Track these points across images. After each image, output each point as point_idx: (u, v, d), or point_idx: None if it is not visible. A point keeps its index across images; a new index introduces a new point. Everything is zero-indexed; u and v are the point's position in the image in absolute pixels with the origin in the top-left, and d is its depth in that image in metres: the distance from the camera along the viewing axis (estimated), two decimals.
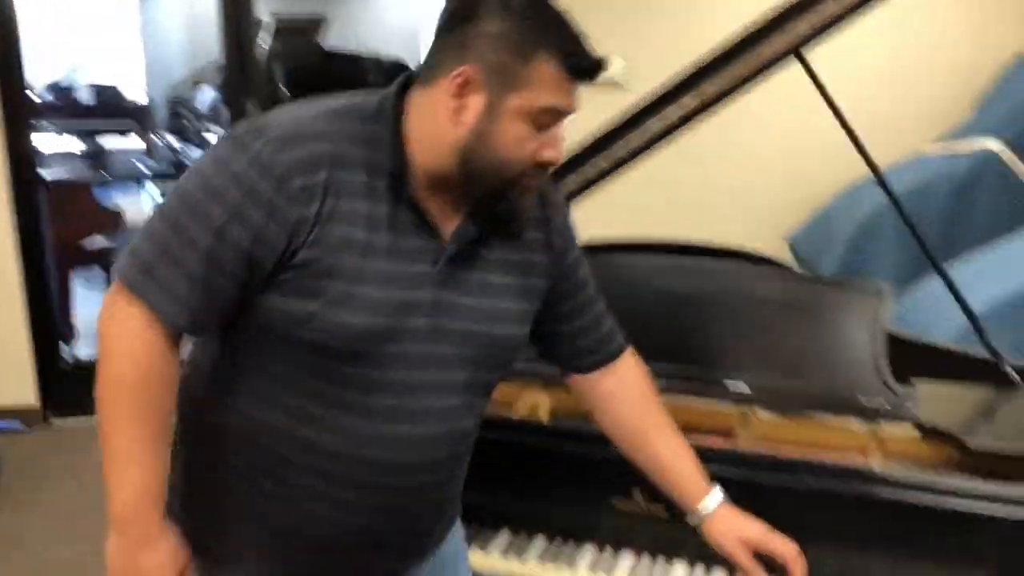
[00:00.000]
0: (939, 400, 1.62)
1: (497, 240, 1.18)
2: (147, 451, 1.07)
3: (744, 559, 1.26)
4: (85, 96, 8.32)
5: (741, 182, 4.05)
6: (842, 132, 1.76)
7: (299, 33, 6.39)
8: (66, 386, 3.94)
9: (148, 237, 1.06)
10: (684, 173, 3.93)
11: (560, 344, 1.32)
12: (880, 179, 1.79)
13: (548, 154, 1.10)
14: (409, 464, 1.15)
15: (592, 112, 1.69)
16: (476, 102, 1.06)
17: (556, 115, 1.09)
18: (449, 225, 1.14)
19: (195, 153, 6.39)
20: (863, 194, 3.46)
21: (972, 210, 3.33)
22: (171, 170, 6.74)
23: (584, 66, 1.08)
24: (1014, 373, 1.67)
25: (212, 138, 6.16)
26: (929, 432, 1.50)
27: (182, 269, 1.04)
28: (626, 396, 1.34)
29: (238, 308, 1.09)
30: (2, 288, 3.80)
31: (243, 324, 1.11)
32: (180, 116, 7.39)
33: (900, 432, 1.58)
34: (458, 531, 1.38)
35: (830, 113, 1.76)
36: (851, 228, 3.25)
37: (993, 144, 3.34)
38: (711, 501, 1.29)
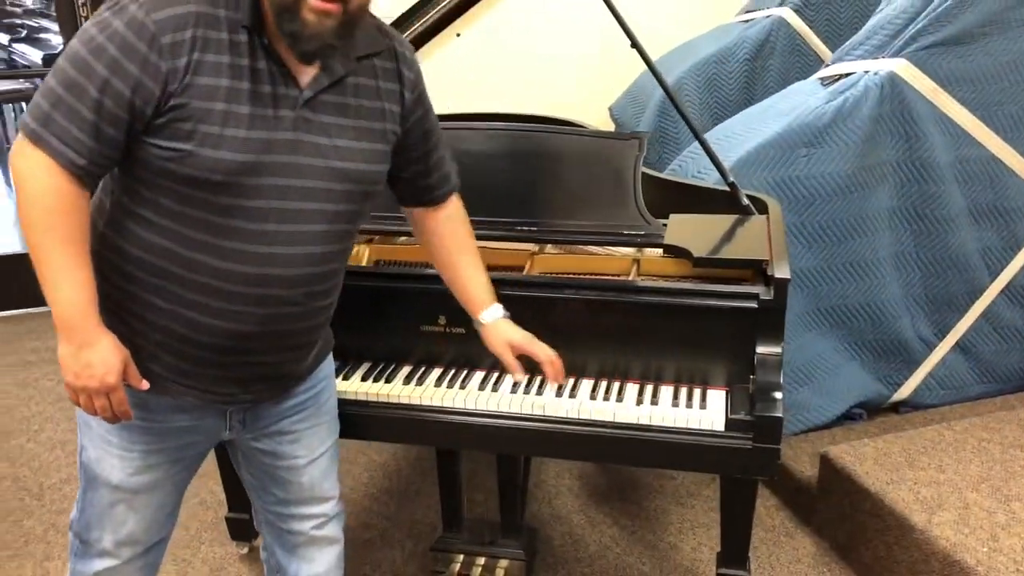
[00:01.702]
0: (690, 227, 1.97)
1: (354, 89, 1.38)
2: (74, 268, 1.26)
3: (508, 358, 1.63)
4: None
5: (572, 56, 4.32)
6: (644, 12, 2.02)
7: None
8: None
9: (44, 94, 1.22)
10: (525, 49, 4.19)
11: (408, 182, 1.58)
12: (648, 63, 2.06)
13: None
14: (279, 277, 1.35)
15: None
16: None
17: None
18: (309, 73, 1.33)
19: (25, 49, 6.14)
20: (669, 62, 3.79)
21: (766, 72, 3.69)
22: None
23: None
24: (747, 202, 2.04)
25: (46, 35, 5.93)
26: (671, 250, 1.85)
27: (75, 118, 1.21)
28: (449, 228, 1.64)
29: (126, 151, 1.27)
30: None
31: (132, 165, 1.29)
32: (7, 13, 7.01)
33: (653, 253, 1.94)
34: (329, 364, 1.64)
35: None
36: (659, 95, 3.58)
37: (783, 11, 3.69)
38: (490, 314, 1.64)
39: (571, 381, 1.77)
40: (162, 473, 1.48)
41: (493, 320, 1.64)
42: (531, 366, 1.64)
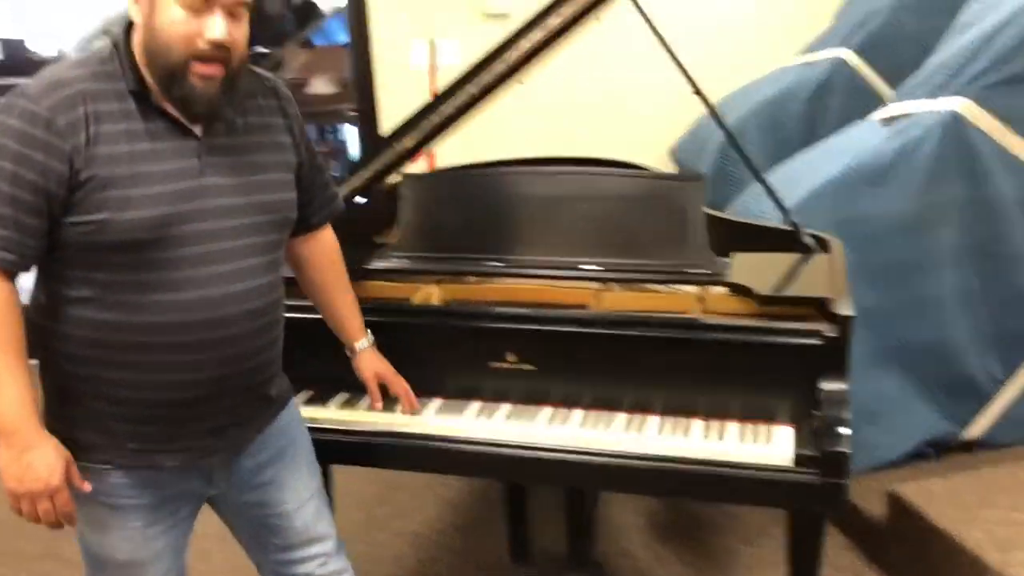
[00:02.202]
0: (753, 265, 2.01)
1: (246, 128, 1.45)
2: (12, 373, 1.30)
3: (373, 385, 1.80)
4: None
5: (633, 100, 4.40)
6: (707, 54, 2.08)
7: None
8: None
9: None
10: (586, 94, 4.29)
11: (300, 208, 1.60)
12: (710, 108, 2.12)
13: (212, 33, 1.30)
14: (225, 318, 1.40)
15: (491, 39, 2.03)
16: (143, 2, 1.31)
17: (205, 1, 1.29)
18: (197, 125, 1.38)
19: None
20: (729, 104, 3.84)
21: (826, 112, 3.72)
22: None
23: None
24: (810, 241, 2.08)
25: None
26: (735, 288, 1.89)
27: None
28: (327, 259, 1.74)
29: (49, 237, 1.31)
30: None
31: (57, 251, 1.34)
32: None
33: (717, 291, 1.99)
34: (294, 407, 1.69)
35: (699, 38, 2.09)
36: (720, 136, 3.61)
37: (843, 52, 3.73)
38: (361, 344, 1.79)
39: (637, 418, 1.81)
40: (162, 542, 1.52)
41: (364, 349, 1.79)
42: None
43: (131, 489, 1.46)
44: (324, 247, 1.74)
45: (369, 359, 1.80)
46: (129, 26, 1.37)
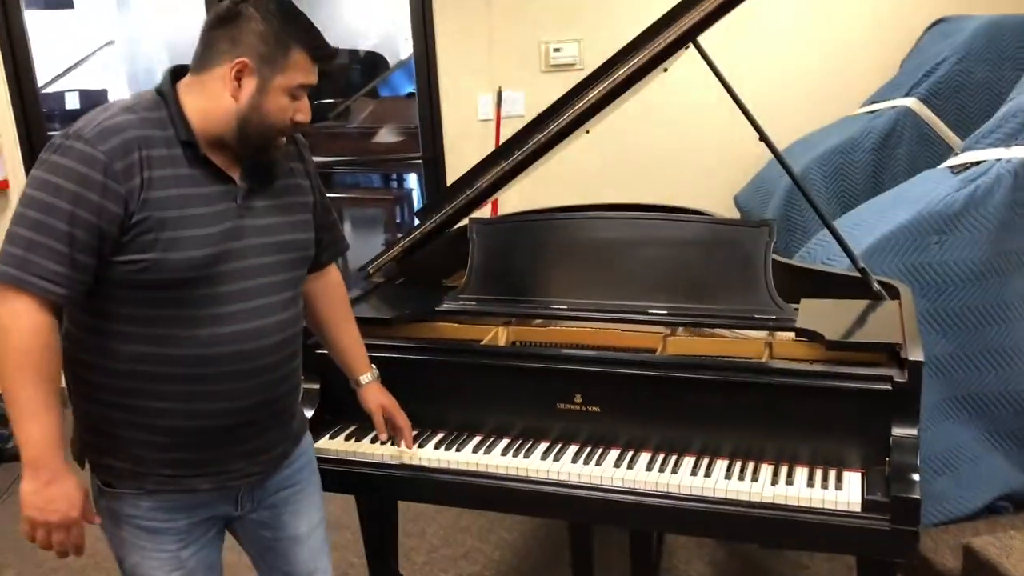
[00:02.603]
0: (821, 311, 2.01)
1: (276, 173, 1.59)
2: (44, 408, 1.36)
3: (379, 417, 1.86)
4: (73, 101, 8.61)
5: (697, 149, 4.44)
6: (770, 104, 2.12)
7: None
8: None
9: (13, 241, 1.35)
10: (649, 142, 4.35)
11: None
12: (776, 154, 2.15)
13: (300, 117, 1.50)
14: (257, 349, 1.51)
15: (556, 89, 2.08)
16: (249, 83, 1.44)
17: (306, 89, 1.49)
18: (235, 171, 1.51)
19: None
20: (793, 153, 3.85)
21: (893, 161, 3.70)
22: None
23: (324, 54, 1.49)
24: (878, 287, 2.07)
25: None
26: (804, 334, 1.89)
27: (51, 254, 1.34)
28: (335, 295, 1.83)
29: (97, 274, 1.39)
30: None
31: (102, 287, 1.41)
32: None
33: (785, 336, 1.99)
34: (310, 438, 1.79)
35: (764, 88, 2.13)
36: (784, 183, 3.63)
37: (909, 101, 3.72)
38: (366, 377, 1.86)
39: (705, 460, 1.82)
40: (195, 563, 1.59)
41: (369, 383, 1.86)
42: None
43: (164, 513, 1.54)
44: (331, 285, 1.83)
45: (374, 392, 1.87)
46: (174, 78, 1.49)
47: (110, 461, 1.52)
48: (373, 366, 1.88)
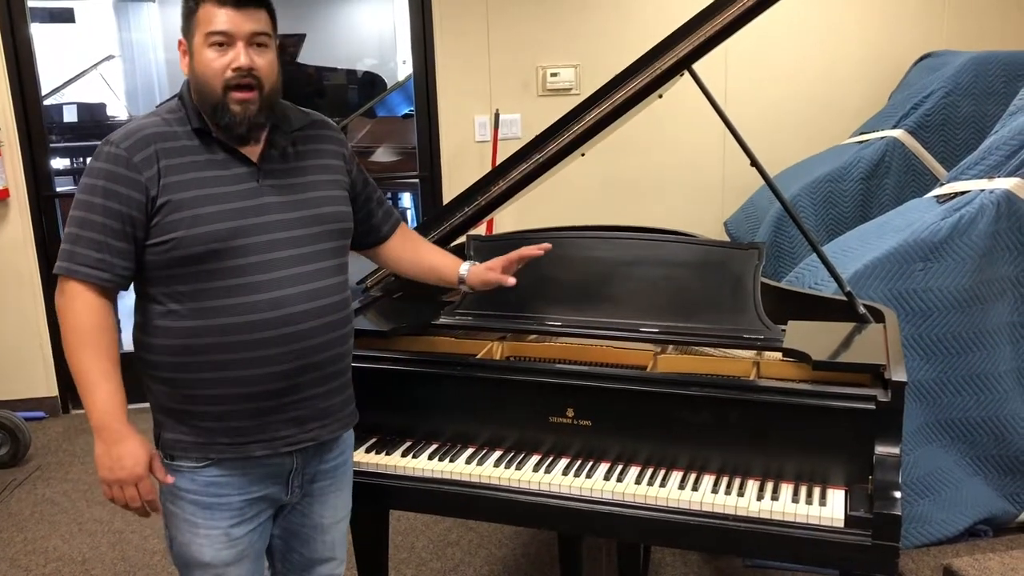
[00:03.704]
0: (808, 333, 2.06)
1: (297, 154, 1.69)
2: (104, 378, 1.54)
3: (494, 276, 1.92)
4: (71, 114, 8.67)
5: (688, 174, 4.52)
6: (762, 131, 2.19)
7: (280, 49, 6.78)
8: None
9: (65, 239, 1.55)
10: (643, 166, 4.42)
11: (361, 223, 1.87)
12: (767, 180, 2.20)
13: (235, 63, 1.55)
14: (287, 316, 1.60)
15: (552, 113, 2.14)
16: (187, 56, 1.60)
17: (223, 35, 1.54)
18: (256, 152, 1.63)
19: None
20: (783, 180, 3.93)
21: (881, 190, 3.79)
22: None
23: None
24: (864, 310, 2.13)
25: None
26: (791, 354, 1.95)
27: (91, 244, 1.52)
28: (411, 244, 2.00)
29: (135, 261, 1.56)
30: (27, 295, 4.19)
31: (144, 273, 1.58)
32: None
33: (772, 356, 2.04)
34: (351, 436, 1.86)
35: (756, 116, 2.19)
36: (774, 211, 3.71)
37: (897, 132, 3.80)
38: (464, 267, 1.96)
39: (694, 475, 1.86)
40: (245, 544, 1.69)
41: (469, 268, 1.96)
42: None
43: (220, 488, 1.64)
44: (403, 243, 1.98)
45: (476, 269, 1.95)
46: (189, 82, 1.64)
47: (174, 435, 1.63)
48: (466, 261, 1.99)
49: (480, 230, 2.94)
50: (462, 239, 2.35)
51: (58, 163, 7.11)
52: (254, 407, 1.61)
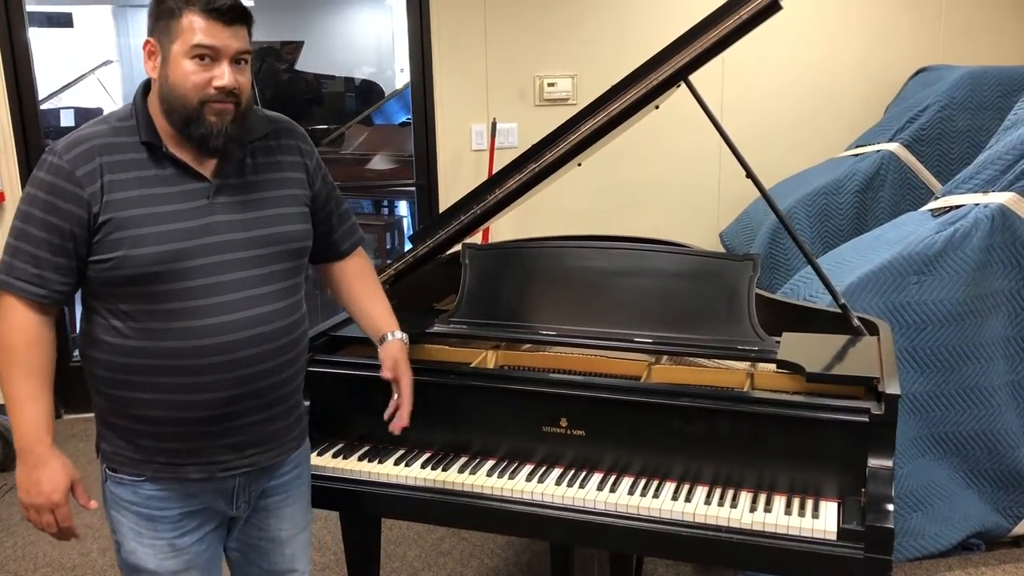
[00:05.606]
0: (803, 345, 2.06)
1: (254, 168, 1.61)
2: (30, 399, 1.49)
3: (387, 372, 1.81)
4: (68, 119, 8.67)
5: (684, 185, 4.53)
6: (758, 143, 2.19)
7: (277, 57, 6.80)
8: (74, 385, 4.32)
9: (4, 250, 1.50)
10: (639, 177, 4.42)
11: (320, 239, 1.77)
12: (763, 191, 2.20)
13: (218, 82, 1.48)
14: (234, 342, 1.54)
15: (549, 122, 2.13)
16: (156, 59, 1.49)
17: (208, 49, 1.46)
18: (209, 168, 1.55)
19: None
20: (779, 192, 3.93)
21: (876, 203, 3.80)
22: None
23: (215, 7, 1.45)
24: (859, 323, 2.13)
25: None
26: (785, 365, 1.94)
27: (28, 258, 1.47)
28: (361, 273, 1.88)
29: (77, 276, 1.50)
30: None
31: (88, 289, 1.53)
32: None
33: (767, 368, 2.04)
34: (307, 448, 1.82)
35: (753, 128, 2.19)
36: (769, 222, 3.71)
37: (893, 146, 3.82)
38: (388, 336, 1.84)
39: (687, 486, 1.86)
40: (192, 554, 1.64)
41: (389, 341, 1.84)
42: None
43: (161, 501, 1.60)
44: (357, 268, 1.88)
45: (396, 348, 1.83)
46: (146, 86, 1.56)
47: (114, 448, 1.60)
48: (396, 330, 1.85)
49: (476, 238, 2.94)
50: (458, 247, 2.35)
51: None
52: (190, 431, 1.57)
